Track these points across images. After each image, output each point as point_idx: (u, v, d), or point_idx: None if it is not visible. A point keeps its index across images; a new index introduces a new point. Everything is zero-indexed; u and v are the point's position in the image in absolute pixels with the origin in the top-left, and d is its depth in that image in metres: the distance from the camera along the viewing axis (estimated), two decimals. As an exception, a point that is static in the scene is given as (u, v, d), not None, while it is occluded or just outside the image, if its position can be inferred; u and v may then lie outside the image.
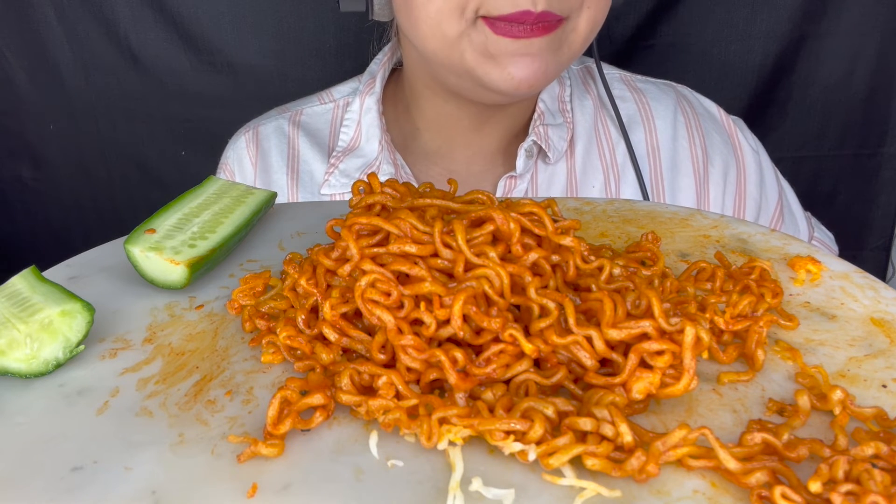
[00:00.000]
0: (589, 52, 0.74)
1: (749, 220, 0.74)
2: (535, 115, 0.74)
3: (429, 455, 0.30)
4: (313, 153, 0.78)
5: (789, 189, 0.81)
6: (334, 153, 0.77)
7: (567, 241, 0.36)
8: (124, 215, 1.13)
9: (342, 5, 0.71)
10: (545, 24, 0.59)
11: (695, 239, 0.46)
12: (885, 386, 0.33)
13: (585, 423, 0.30)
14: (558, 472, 0.29)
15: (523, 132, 0.75)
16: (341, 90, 0.81)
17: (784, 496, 0.27)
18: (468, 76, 0.63)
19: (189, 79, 1.04)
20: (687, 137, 0.77)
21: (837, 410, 0.31)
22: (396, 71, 0.79)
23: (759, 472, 0.28)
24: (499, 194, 0.73)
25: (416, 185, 0.42)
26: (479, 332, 0.34)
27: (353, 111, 0.77)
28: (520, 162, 0.72)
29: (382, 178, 0.75)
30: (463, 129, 0.74)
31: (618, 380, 0.32)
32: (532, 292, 0.34)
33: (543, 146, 0.73)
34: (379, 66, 0.78)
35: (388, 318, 0.33)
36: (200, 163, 1.08)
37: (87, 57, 1.04)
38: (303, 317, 0.37)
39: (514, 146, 0.75)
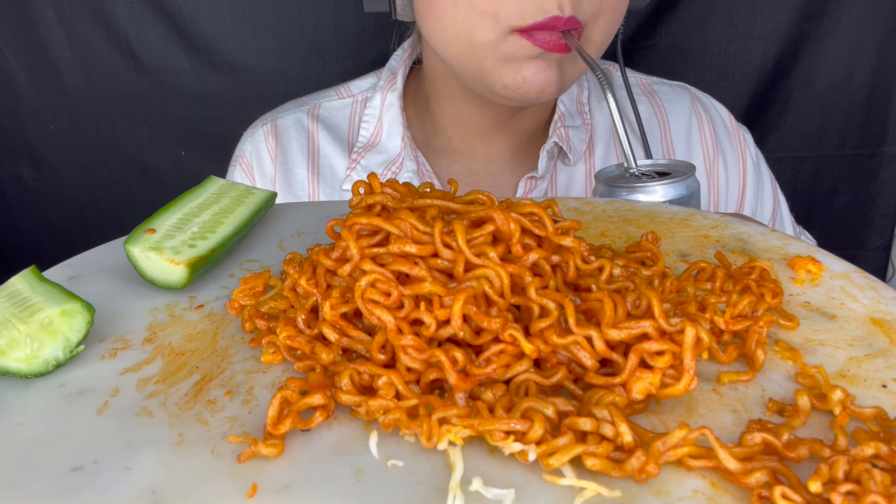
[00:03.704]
0: (613, 57, 0.75)
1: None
2: (556, 117, 0.74)
3: (429, 455, 0.30)
4: (333, 147, 0.77)
5: (784, 203, 0.82)
6: (355, 149, 0.76)
7: (567, 241, 0.36)
8: (124, 215, 1.13)
9: (366, 6, 0.71)
10: (576, 30, 0.59)
11: (695, 239, 0.46)
12: (885, 386, 0.33)
13: (585, 423, 0.30)
14: (558, 472, 0.29)
15: (542, 133, 0.76)
16: (359, 85, 0.80)
17: (784, 496, 0.27)
18: (482, 83, 0.64)
19: (189, 79, 1.04)
20: (700, 141, 0.78)
21: (837, 410, 0.31)
22: (415, 68, 0.79)
23: (759, 472, 0.28)
24: (519, 194, 0.73)
25: (438, 183, 0.42)
26: (479, 332, 0.34)
27: (374, 107, 0.77)
28: (542, 163, 0.73)
29: (405, 176, 0.75)
30: (482, 129, 0.74)
31: (618, 380, 0.32)
32: (532, 292, 0.34)
33: (564, 147, 0.73)
34: (399, 63, 0.77)
35: (388, 319, 0.33)
36: (200, 163, 1.09)
37: (87, 57, 1.04)
38: (303, 317, 0.37)
39: (533, 146, 0.75)
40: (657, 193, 0.54)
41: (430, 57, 0.73)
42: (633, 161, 0.56)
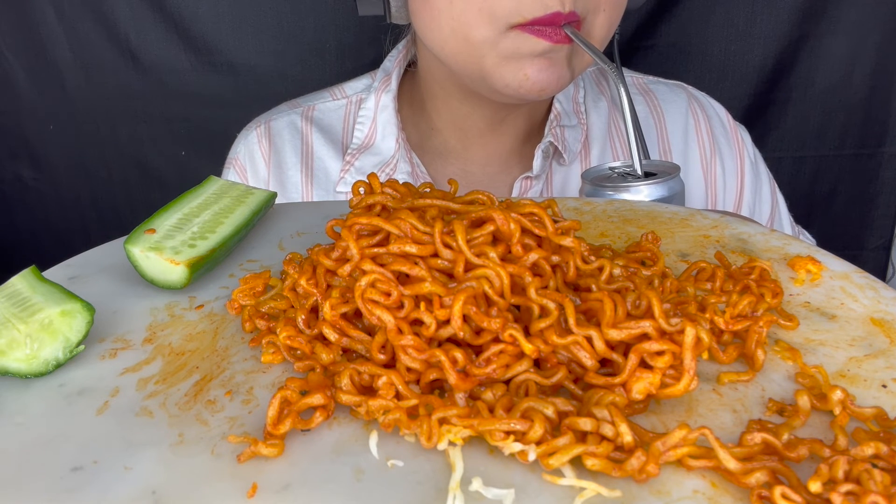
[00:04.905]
0: (610, 56, 0.74)
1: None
2: (552, 116, 0.73)
3: (429, 455, 0.30)
4: (327, 150, 0.77)
5: (783, 203, 0.82)
6: (349, 150, 0.76)
7: (567, 241, 0.36)
8: (124, 215, 1.13)
9: (360, 9, 0.70)
10: (575, 23, 0.59)
11: (695, 239, 0.46)
12: (885, 386, 0.33)
13: (585, 423, 0.30)
14: (558, 472, 0.29)
15: (538, 133, 0.75)
16: (354, 86, 0.80)
17: (784, 496, 0.27)
18: (482, 81, 0.63)
19: (189, 79, 1.05)
20: (697, 140, 0.77)
21: (837, 410, 0.31)
22: (410, 69, 0.79)
23: (759, 472, 0.28)
24: (514, 195, 0.73)
25: (433, 185, 0.42)
26: (479, 332, 0.34)
27: (368, 108, 0.76)
28: (536, 163, 0.72)
29: (399, 178, 0.75)
30: (478, 129, 0.74)
31: (618, 380, 0.32)
32: (532, 292, 0.34)
33: (560, 147, 0.73)
34: (394, 64, 0.77)
35: (388, 319, 0.33)
36: (200, 163, 1.09)
37: (87, 57, 1.04)
38: (303, 317, 0.37)
39: (528, 147, 0.75)
40: (642, 193, 0.54)
41: (425, 58, 0.73)
42: (638, 157, 0.57)
